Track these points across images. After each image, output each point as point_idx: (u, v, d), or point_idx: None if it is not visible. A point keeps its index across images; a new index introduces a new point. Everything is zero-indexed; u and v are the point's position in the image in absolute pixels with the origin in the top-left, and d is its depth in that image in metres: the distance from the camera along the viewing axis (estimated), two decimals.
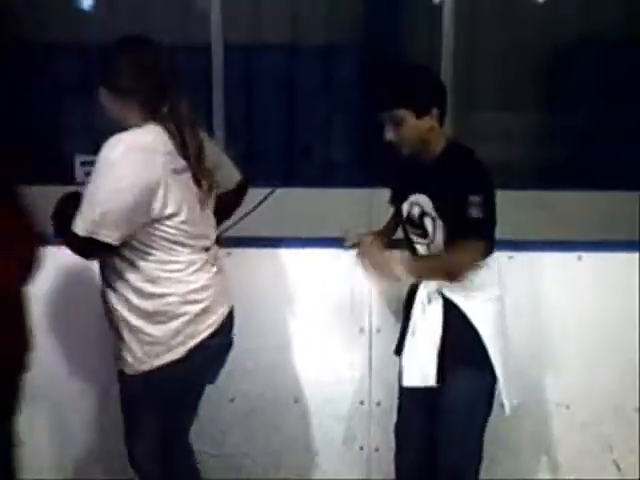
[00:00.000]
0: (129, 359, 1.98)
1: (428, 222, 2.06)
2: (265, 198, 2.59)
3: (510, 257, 2.38)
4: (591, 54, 5.24)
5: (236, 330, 2.21)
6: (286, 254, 2.46)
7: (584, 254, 2.43)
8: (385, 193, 2.35)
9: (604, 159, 4.92)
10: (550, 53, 5.40)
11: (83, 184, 1.87)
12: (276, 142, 5.18)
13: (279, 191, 3.48)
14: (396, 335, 2.38)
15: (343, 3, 5.40)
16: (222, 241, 2.18)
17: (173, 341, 1.95)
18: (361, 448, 2.51)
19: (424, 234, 2.09)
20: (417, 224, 2.10)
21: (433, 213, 2.03)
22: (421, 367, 2.06)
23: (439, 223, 2.03)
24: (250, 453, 2.51)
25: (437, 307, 2.06)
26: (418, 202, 2.08)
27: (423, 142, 2.04)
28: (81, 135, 4.81)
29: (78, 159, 4.30)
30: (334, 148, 5.35)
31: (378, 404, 2.48)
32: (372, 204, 4.19)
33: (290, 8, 5.30)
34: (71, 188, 2.00)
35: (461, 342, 2.03)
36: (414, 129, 2.01)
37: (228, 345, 2.09)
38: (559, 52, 5.39)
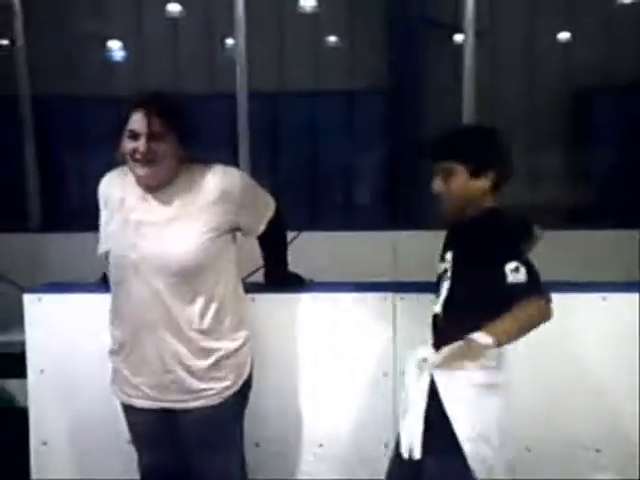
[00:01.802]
0: (231, 377, 2.05)
1: (444, 279, 2.01)
2: (289, 242, 2.62)
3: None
4: (612, 96, 5.27)
5: (259, 374, 2.24)
6: (310, 298, 2.48)
7: (608, 295, 2.41)
8: (408, 235, 2.36)
9: (629, 199, 4.90)
10: (573, 94, 5.44)
11: None
12: (300, 186, 5.26)
13: (305, 234, 3.53)
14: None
15: (365, 49, 5.52)
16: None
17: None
18: None
19: (437, 292, 2.04)
20: (437, 282, 2.05)
21: (449, 272, 1.99)
22: (408, 438, 2.00)
23: (448, 282, 1.99)
24: None
25: (425, 378, 1.98)
26: (446, 259, 2.03)
27: (470, 203, 1.97)
28: None
29: None
30: (358, 192, 5.41)
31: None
32: (396, 247, 4.24)
33: (313, 55, 5.43)
34: None
35: (440, 421, 1.93)
36: (463, 186, 1.95)
37: None
38: (582, 93, 5.42)
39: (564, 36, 5.59)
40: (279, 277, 2.41)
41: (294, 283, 2.45)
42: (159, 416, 2.08)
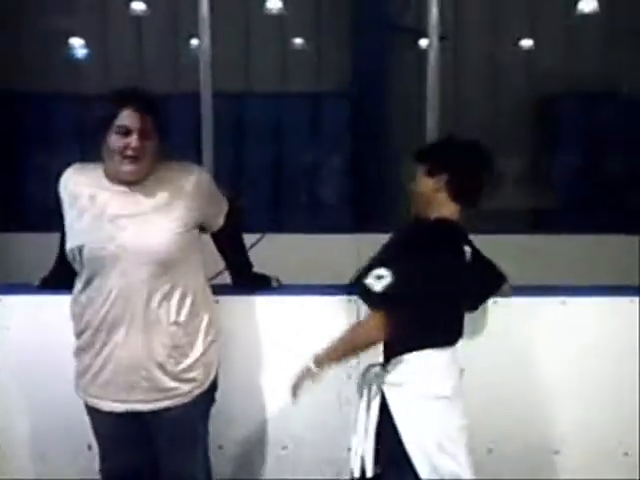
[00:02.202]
0: (200, 377, 2.07)
1: None
2: (254, 244, 2.61)
3: (495, 302, 2.40)
4: (574, 103, 5.37)
5: (224, 376, 2.24)
6: (274, 300, 2.47)
7: (568, 299, 2.45)
8: (373, 238, 2.36)
9: (592, 203, 5.00)
10: (536, 100, 5.53)
11: None
12: (264, 188, 5.25)
13: (269, 236, 3.52)
14: None
15: (330, 52, 5.54)
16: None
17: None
18: None
19: None
20: None
21: None
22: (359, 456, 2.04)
23: None
24: None
25: (374, 394, 2.02)
26: None
27: (426, 202, 2.05)
28: None
29: None
30: (322, 194, 5.42)
31: None
32: (360, 249, 4.25)
33: (279, 57, 5.43)
34: None
35: (388, 437, 1.96)
36: (419, 183, 2.07)
37: None
38: (545, 99, 5.52)
39: (527, 43, 5.69)
40: (245, 277, 2.41)
41: (261, 283, 2.45)
42: (126, 418, 2.06)
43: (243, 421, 2.49)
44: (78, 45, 5.51)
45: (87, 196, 2.01)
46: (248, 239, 2.47)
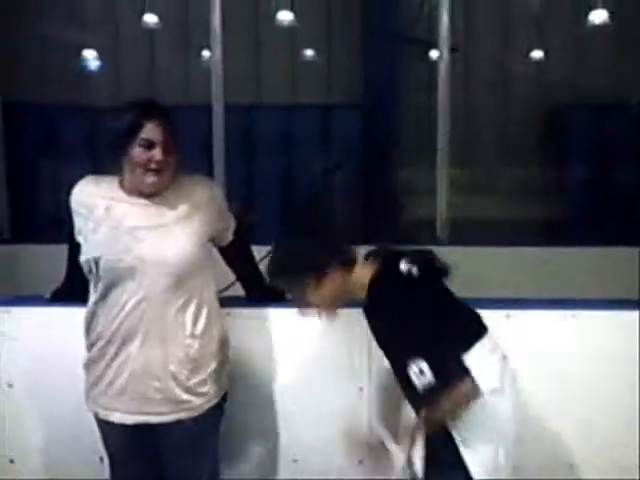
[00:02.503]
0: (212, 391, 2.09)
1: None
2: (264, 257, 2.61)
3: (508, 315, 2.39)
4: (583, 114, 5.36)
5: (234, 389, 2.26)
6: (285, 313, 2.47)
7: (578, 312, 2.44)
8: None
9: (600, 215, 4.98)
10: (545, 111, 5.52)
11: None
12: (275, 200, 5.25)
13: None
14: (397, 391, 2.41)
15: (341, 64, 5.55)
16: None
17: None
18: None
19: None
20: None
21: None
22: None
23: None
24: None
25: None
26: None
27: (338, 301, 2.02)
28: None
29: None
30: (334, 207, 5.43)
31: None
32: None
33: (290, 69, 5.45)
34: None
35: (439, 439, 1.93)
36: (320, 292, 1.97)
37: None
38: (554, 111, 5.51)
39: (537, 54, 5.69)
40: (257, 290, 2.42)
41: (274, 296, 2.45)
42: (137, 430, 2.06)
43: (253, 433, 2.48)
44: (91, 57, 5.56)
45: (103, 207, 2.02)
46: (259, 251, 2.47)
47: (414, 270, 1.95)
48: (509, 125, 5.36)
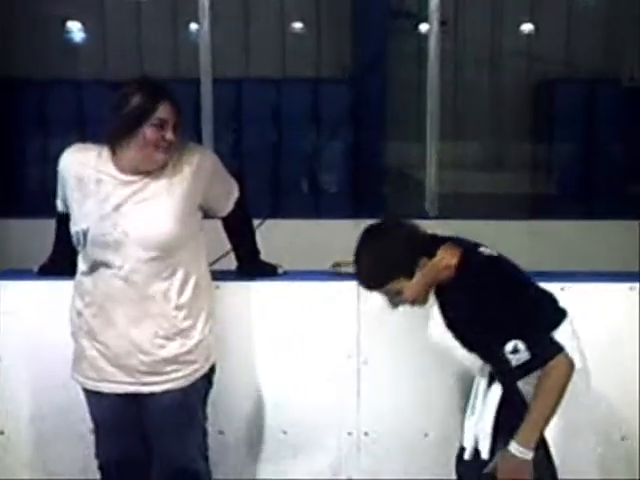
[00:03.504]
0: (200, 361, 2.10)
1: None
2: (259, 225, 2.61)
3: None
4: (574, 88, 5.36)
5: (224, 362, 2.26)
6: (273, 286, 2.48)
7: (567, 285, 2.46)
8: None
9: (588, 189, 5.00)
10: (535, 85, 5.52)
11: None
12: (265, 174, 5.24)
13: (268, 222, 3.52)
14: (383, 364, 2.46)
15: (330, 37, 5.51)
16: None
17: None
18: (349, 478, 2.51)
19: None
20: None
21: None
22: (475, 440, 2.04)
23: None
24: None
25: (497, 387, 2.01)
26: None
27: (429, 288, 1.99)
28: None
29: None
30: (322, 179, 5.42)
31: (366, 434, 2.50)
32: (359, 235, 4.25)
33: (279, 42, 5.41)
34: None
35: (515, 422, 1.91)
36: (413, 289, 1.96)
37: None
38: (544, 84, 5.51)
39: (527, 27, 5.66)
40: (252, 265, 2.42)
41: (267, 271, 2.46)
42: (124, 401, 2.08)
43: (243, 406, 2.50)
44: (76, 29, 5.48)
45: (93, 180, 2.03)
46: None
47: (495, 253, 1.99)
48: (499, 99, 5.35)
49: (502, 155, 5.38)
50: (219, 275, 2.34)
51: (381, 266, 1.96)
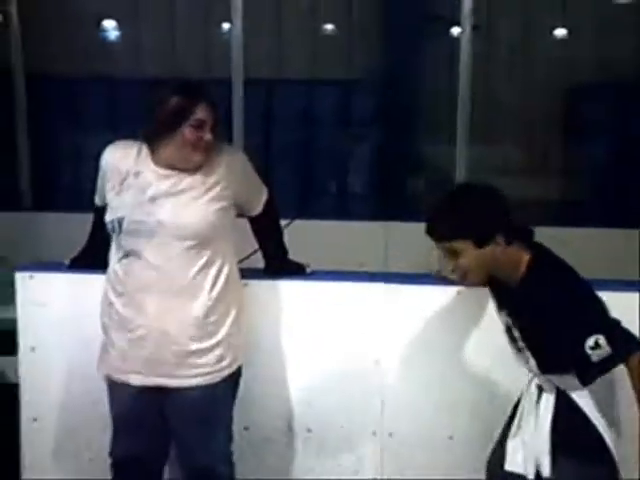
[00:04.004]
0: (228, 358, 2.12)
1: (516, 334, 1.98)
2: (287, 225, 2.63)
3: None
4: (606, 93, 5.30)
5: (251, 359, 2.29)
6: (301, 285, 2.49)
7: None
8: (401, 227, 2.37)
9: (620, 196, 4.94)
10: (567, 90, 5.46)
11: None
12: (294, 174, 5.26)
13: (296, 222, 3.53)
14: (409, 366, 2.46)
15: (362, 39, 5.51)
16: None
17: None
18: (373, 478, 2.51)
19: (519, 352, 2.01)
20: (512, 339, 2.02)
21: (520, 342, 1.96)
22: (529, 454, 1.97)
23: (528, 352, 1.95)
24: None
25: (549, 397, 1.97)
26: (507, 322, 2.00)
27: (489, 271, 1.92)
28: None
29: None
30: (351, 181, 5.42)
31: (390, 435, 2.50)
32: (387, 237, 4.25)
33: (310, 43, 5.42)
34: None
35: (575, 434, 1.92)
36: (475, 259, 1.88)
37: None
38: (575, 90, 5.45)
39: (560, 32, 5.61)
40: (280, 265, 2.45)
41: (295, 271, 2.48)
42: (150, 395, 2.10)
43: (269, 404, 2.51)
44: (111, 27, 5.54)
45: (132, 173, 2.10)
46: None
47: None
48: (530, 103, 5.30)
49: (532, 160, 5.33)
50: (247, 273, 2.37)
51: (459, 219, 1.88)
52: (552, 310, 1.83)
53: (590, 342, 1.79)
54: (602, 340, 1.79)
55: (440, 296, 2.42)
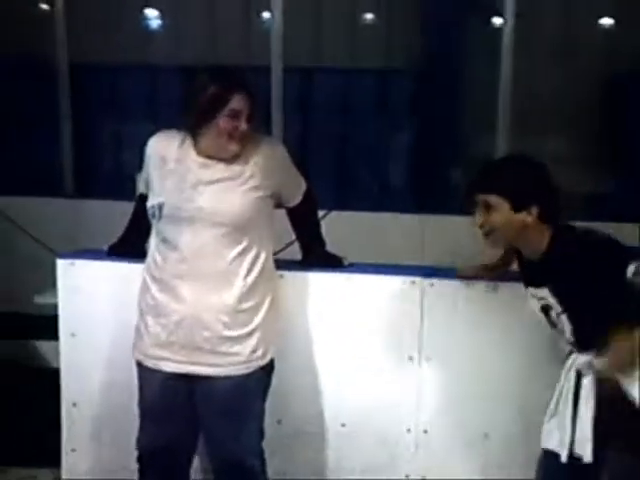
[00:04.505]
0: (261, 348, 2.14)
1: (553, 314, 1.99)
2: (324, 216, 2.63)
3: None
4: None
5: (285, 352, 2.30)
6: (337, 278, 2.49)
7: None
8: (436, 219, 2.33)
9: None
10: (608, 81, 5.34)
11: None
12: (331, 164, 5.24)
13: (333, 214, 3.52)
14: (445, 362, 2.45)
15: (401, 28, 5.45)
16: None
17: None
18: (407, 476, 2.51)
19: (553, 324, 2.02)
20: (544, 314, 2.03)
21: (558, 308, 1.96)
22: (565, 437, 1.97)
23: (564, 317, 1.96)
24: (294, 475, 2.53)
25: (589, 382, 1.96)
26: (538, 295, 2.01)
27: (513, 237, 1.97)
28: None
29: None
30: (389, 172, 5.38)
31: (425, 432, 2.49)
32: (424, 230, 4.22)
33: (349, 32, 5.39)
34: None
35: (622, 422, 1.89)
36: (505, 220, 1.93)
37: None
38: (617, 80, 5.33)
39: (606, 21, 5.48)
40: (317, 257, 2.45)
41: (332, 263, 2.47)
42: (181, 382, 2.13)
43: (302, 397, 2.52)
44: (152, 16, 5.58)
45: (174, 160, 2.14)
46: None
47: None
48: (574, 95, 5.19)
49: (574, 151, 5.23)
50: (283, 264, 2.38)
51: (505, 176, 1.96)
52: (584, 261, 1.87)
53: (631, 269, 1.82)
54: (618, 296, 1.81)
55: (479, 293, 2.40)
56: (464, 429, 2.46)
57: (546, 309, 2.01)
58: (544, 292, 1.98)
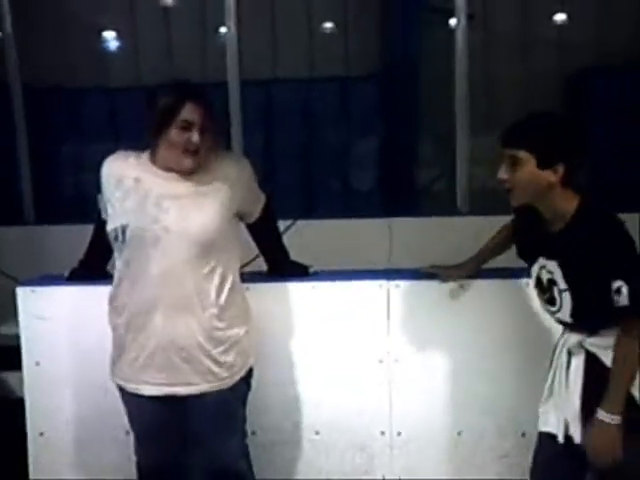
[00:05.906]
0: (239, 363, 2.12)
1: (556, 290, 1.95)
2: (284, 231, 2.62)
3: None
4: (605, 78, 5.25)
5: (255, 364, 2.27)
6: (303, 287, 2.48)
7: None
8: (404, 222, 2.34)
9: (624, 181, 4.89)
10: (568, 76, 5.42)
11: None
12: (296, 174, 5.25)
13: (301, 223, 3.52)
14: (415, 363, 2.45)
15: (359, 35, 5.49)
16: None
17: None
18: (383, 476, 2.50)
19: (551, 301, 1.99)
20: (545, 289, 2.00)
21: (562, 284, 1.93)
22: (560, 417, 1.97)
23: (567, 295, 1.92)
24: None
25: (579, 361, 1.95)
26: (547, 268, 1.97)
27: (537, 196, 1.92)
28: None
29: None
30: (354, 178, 5.40)
31: (399, 434, 2.48)
32: (392, 234, 4.23)
33: (307, 42, 5.41)
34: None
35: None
36: (530, 176, 1.89)
37: None
38: (577, 75, 5.41)
39: (559, 17, 5.56)
40: (282, 267, 2.45)
41: (298, 272, 2.47)
42: (165, 404, 2.10)
43: (275, 408, 2.51)
44: (110, 38, 5.56)
45: (132, 178, 2.07)
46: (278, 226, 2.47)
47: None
48: (530, 92, 5.26)
49: None
50: (248, 277, 2.36)
51: (534, 131, 1.91)
52: (595, 247, 1.84)
53: (615, 285, 1.81)
54: (624, 289, 1.80)
55: (445, 292, 2.41)
56: (437, 428, 2.46)
57: (550, 283, 1.98)
58: (553, 265, 1.95)
